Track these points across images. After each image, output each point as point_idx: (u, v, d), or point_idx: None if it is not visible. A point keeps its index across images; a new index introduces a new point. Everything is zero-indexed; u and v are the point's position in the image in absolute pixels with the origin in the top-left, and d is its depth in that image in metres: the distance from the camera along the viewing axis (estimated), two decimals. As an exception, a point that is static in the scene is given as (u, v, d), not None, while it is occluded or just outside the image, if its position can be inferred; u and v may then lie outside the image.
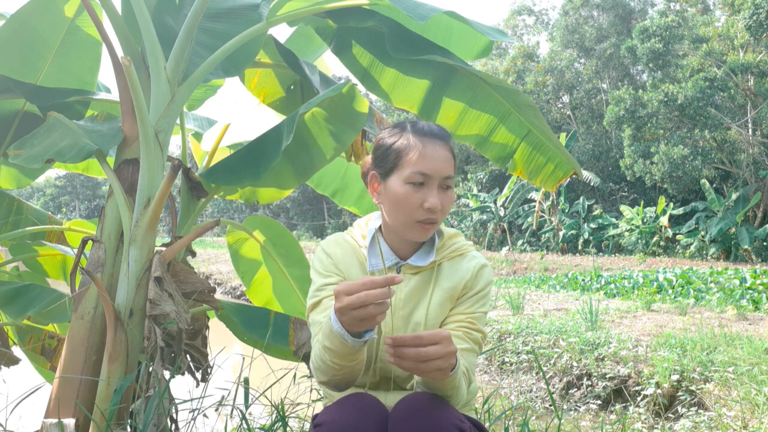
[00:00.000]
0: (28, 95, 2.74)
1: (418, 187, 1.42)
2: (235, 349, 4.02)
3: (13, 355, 2.93)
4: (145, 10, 2.29)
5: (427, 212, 1.42)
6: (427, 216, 1.42)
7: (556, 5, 58.16)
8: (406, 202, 1.42)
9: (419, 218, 1.43)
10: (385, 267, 1.51)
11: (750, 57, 19.55)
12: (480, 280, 1.51)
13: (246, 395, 2.07)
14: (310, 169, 2.71)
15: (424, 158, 1.42)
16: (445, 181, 1.44)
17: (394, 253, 1.52)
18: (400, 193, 1.43)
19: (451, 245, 1.55)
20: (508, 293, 9.38)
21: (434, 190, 1.42)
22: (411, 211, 1.43)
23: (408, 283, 1.50)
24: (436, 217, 1.43)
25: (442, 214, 1.44)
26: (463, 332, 1.45)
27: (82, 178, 59.33)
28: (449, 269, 1.52)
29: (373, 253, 1.52)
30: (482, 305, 1.50)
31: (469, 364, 1.43)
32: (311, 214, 43.38)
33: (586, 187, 26.45)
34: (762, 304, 8.30)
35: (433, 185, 1.42)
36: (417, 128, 1.48)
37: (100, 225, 2.39)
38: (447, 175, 1.44)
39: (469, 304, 1.49)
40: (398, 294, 1.49)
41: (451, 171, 1.46)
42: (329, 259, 1.53)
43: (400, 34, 2.53)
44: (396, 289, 1.49)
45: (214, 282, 18.01)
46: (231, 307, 2.71)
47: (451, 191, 1.47)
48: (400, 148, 1.45)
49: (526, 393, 5.69)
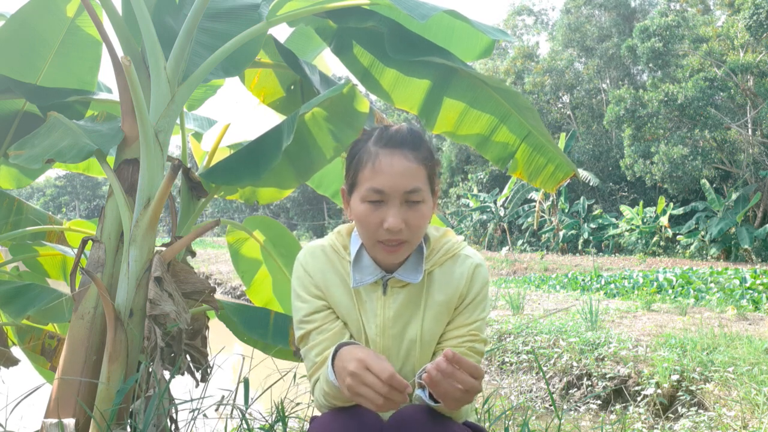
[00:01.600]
0: (28, 95, 2.74)
1: (376, 206, 1.29)
2: (235, 349, 4.01)
3: (12, 355, 2.93)
4: (145, 10, 2.29)
5: (388, 233, 1.28)
6: (389, 237, 1.29)
7: (555, 5, 58.23)
8: (365, 221, 1.30)
9: (380, 239, 1.30)
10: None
11: (750, 57, 19.55)
12: (475, 284, 1.40)
13: (246, 395, 2.07)
14: (310, 170, 2.71)
15: (378, 173, 1.28)
16: (409, 196, 1.28)
17: (378, 266, 1.38)
18: (360, 213, 1.31)
19: (440, 249, 1.42)
20: (508, 293, 9.38)
21: (393, 208, 1.27)
22: (372, 232, 1.30)
23: (396, 298, 1.39)
24: (401, 238, 1.29)
25: (409, 232, 1.30)
26: (467, 348, 1.37)
27: (82, 178, 59.35)
28: (441, 278, 1.40)
29: (357, 268, 1.39)
30: (482, 311, 1.40)
31: None
32: (311, 214, 43.39)
33: (586, 187, 26.45)
34: (762, 304, 8.30)
35: (392, 203, 1.28)
36: (379, 137, 1.33)
37: (100, 225, 2.39)
38: (409, 189, 1.28)
39: (468, 313, 1.39)
40: (386, 312, 1.38)
41: (416, 183, 1.28)
42: (309, 278, 1.40)
43: (400, 34, 2.53)
44: (383, 307, 1.39)
45: (214, 282, 18.01)
46: (231, 307, 2.71)
47: (420, 206, 1.30)
48: (357, 163, 1.32)
49: (526, 393, 5.69)
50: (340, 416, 1.28)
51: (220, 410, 2.20)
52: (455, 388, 1.10)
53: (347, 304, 1.39)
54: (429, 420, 1.24)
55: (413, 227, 1.30)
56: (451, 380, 1.10)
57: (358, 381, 1.11)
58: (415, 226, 1.30)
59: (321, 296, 1.40)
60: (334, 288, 1.40)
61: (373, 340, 1.39)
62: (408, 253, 1.35)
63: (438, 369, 1.09)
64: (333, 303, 1.40)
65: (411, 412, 1.26)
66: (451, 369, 1.09)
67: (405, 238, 1.30)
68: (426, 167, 1.32)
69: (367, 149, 1.32)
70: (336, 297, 1.40)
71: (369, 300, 1.39)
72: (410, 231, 1.30)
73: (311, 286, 1.40)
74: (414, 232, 1.31)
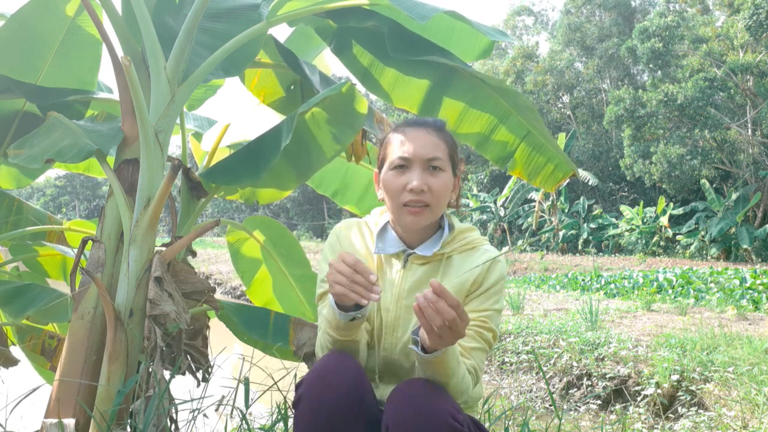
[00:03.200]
0: (28, 95, 2.74)
1: (401, 171, 1.46)
2: (235, 349, 4.01)
3: (12, 355, 2.92)
4: (145, 10, 2.29)
5: (411, 194, 1.44)
6: (412, 197, 1.44)
7: (555, 5, 58.24)
8: (392, 186, 1.47)
9: (405, 201, 1.45)
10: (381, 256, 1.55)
11: (750, 57, 19.54)
12: (492, 275, 1.49)
13: (246, 395, 2.07)
14: (309, 169, 2.71)
15: (404, 143, 1.48)
16: (430, 162, 1.46)
17: (402, 241, 1.53)
18: (388, 180, 1.48)
19: (462, 239, 1.54)
20: (508, 293, 9.38)
21: (416, 172, 1.44)
22: (397, 195, 1.46)
23: (415, 272, 1.50)
24: (423, 199, 1.44)
25: (432, 196, 1.45)
26: (475, 331, 1.44)
27: (82, 178, 59.30)
28: (459, 263, 1.51)
29: (381, 238, 1.55)
30: (495, 302, 1.49)
31: (478, 362, 1.43)
32: (311, 214, 43.37)
33: (586, 187, 26.44)
34: (762, 304, 8.30)
35: (415, 168, 1.45)
36: (406, 121, 1.55)
37: (100, 225, 2.39)
38: (430, 157, 1.46)
39: (481, 300, 1.48)
40: (403, 284, 1.50)
41: (437, 153, 1.47)
42: (339, 244, 1.58)
43: (400, 34, 2.53)
44: (401, 278, 1.51)
45: (214, 282, 18.00)
46: (231, 307, 2.71)
47: (442, 174, 1.47)
48: (387, 141, 1.53)
49: (526, 393, 5.69)
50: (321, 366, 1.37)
51: (220, 410, 2.20)
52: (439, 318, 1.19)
53: None
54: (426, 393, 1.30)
55: (435, 191, 1.45)
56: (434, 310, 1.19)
57: (332, 269, 1.26)
58: (437, 191, 1.45)
59: None
60: (360, 256, 1.54)
61: (387, 308, 1.49)
62: (429, 219, 1.48)
63: (425, 297, 1.20)
64: None
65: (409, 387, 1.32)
66: (436, 298, 1.19)
67: (428, 200, 1.44)
68: (447, 146, 1.51)
69: (395, 131, 1.53)
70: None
71: (390, 271, 1.53)
72: (432, 195, 1.45)
73: (339, 250, 1.55)
74: (436, 197, 1.46)
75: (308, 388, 1.33)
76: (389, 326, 1.49)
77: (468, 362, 1.41)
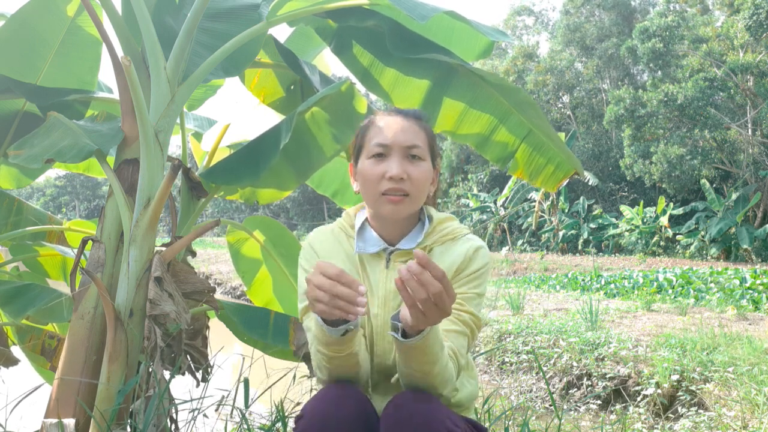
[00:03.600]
0: (28, 95, 2.74)
1: (380, 159, 1.40)
2: (235, 349, 4.01)
3: (12, 355, 2.93)
4: (145, 10, 2.29)
5: (390, 182, 1.37)
6: (391, 186, 1.37)
7: (556, 5, 58.21)
8: (370, 175, 1.40)
9: (383, 189, 1.38)
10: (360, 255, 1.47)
11: (750, 57, 19.53)
12: (474, 262, 1.43)
13: (246, 395, 2.07)
14: (309, 169, 2.71)
15: (381, 131, 1.42)
16: (409, 150, 1.40)
17: (382, 239, 1.46)
18: (365, 169, 1.41)
19: (442, 229, 1.48)
20: (508, 293, 9.38)
21: (395, 160, 1.39)
22: (376, 184, 1.39)
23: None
24: (403, 188, 1.38)
25: (411, 185, 1.38)
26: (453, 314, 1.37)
27: (82, 178, 59.30)
28: (440, 254, 1.44)
29: (360, 237, 1.47)
30: (475, 286, 1.42)
31: (458, 346, 1.36)
32: (311, 214, 43.38)
33: (586, 187, 26.45)
34: (762, 304, 8.29)
35: (393, 155, 1.39)
36: (382, 111, 1.50)
37: (100, 225, 2.39)
38: (409, 144, 1.40)
39: (460, 284, 1.41)
40: (388, 284, 1.43)
41: (416, 141, 1.41)
42: (314, 254, 1.48)
43: (400, 34, 2.53)
44: (386, 279, 1.44)
45: (214, 282, 18.00)
46: (231, 307, 2.71)
47: (421, 162, 1.41)
48: (363, 130, 1.47)
49: (526, 393, 5.69)
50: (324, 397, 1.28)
51: (220, 410, 2.20)
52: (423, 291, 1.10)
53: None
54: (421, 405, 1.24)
55: (414, 180, 1.39)
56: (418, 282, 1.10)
57: (312, 285, 1.13)
58: (416, 179, 1.39)
59: None
60: (339, 263, 1.45)
61: (375, 314, 1.43)
62: (409, 209, 1.41)
63: (408, 269, 1.10)
64: None
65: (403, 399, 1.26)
66: (420, 269, 1.09)
67: (407, 189, 1.38)
68: (427, 135, 1.45)
69: (372, 119, 1.47)
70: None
71: (373, 273, 1.45)
72: (412, 184, 1.39)
73: (316, 260, 1.46)
74: (415, 186, 1.39)
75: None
76: (380, 332, 1.42)
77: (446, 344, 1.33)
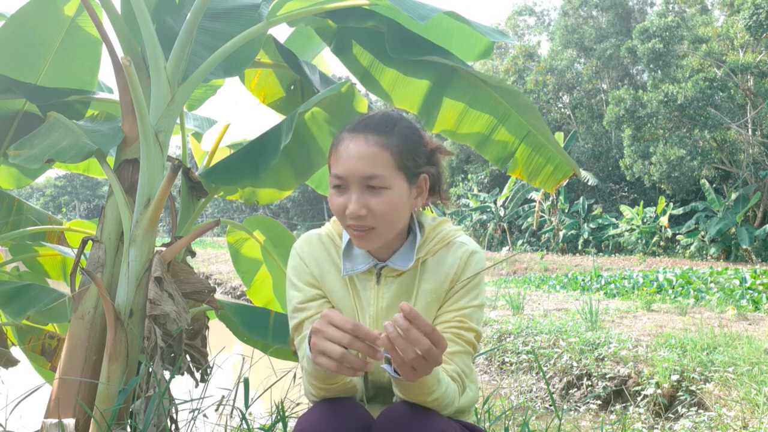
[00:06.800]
0: (28, 95, 2.74)
1: (340, 191, 1.27)
2: (235, 349, 4.01)
3: (12, 356, 2.93)
4: (145, 10, 2.29)
5: (350, 218, 1.25)
6: (352, 222, 1.25)
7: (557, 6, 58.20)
8: (333, 206, 1.28)
9: (347, 223, 1.27)
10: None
11: (750, 57, 19.55)
12: (468, 269, 1.34)
13: (246, 395, 2.07)
14: (309, 169, 2.71)
15: (338, 159, 1.27)
16: (368, 181, 1.24)
17: (371, 255, 1.36)
18: (330, 198, 1.29)
19: (434, 237, 1.37)
20: (508, 293, 9.38)
21: (354, 194, 1.24)
22: (340, 217, 1.28)
23: (390, 287, 1.35)
24: (367, 224, 1.25)
25: (374, 219, 1.25)
26: (453, 333, 1.30)
27: (82, 178, 59.30)
28: (433, 266, 1.35)
29: (347, 256, 1.37)
30: (473, 298, 1.33)
31: (464, 367, 1.30)
32: (311, 214, 43.38)
33: (586, 187, 26.44)
34: (762, 304, 8.30)
35: (353, 188, 1.25)
36: (352, 123, 1.32)
37: (100, 225, 2.39)
38: (366, 175, 1.23)
39: (458, 297, 1.33)
40: (380, 302, 1.35)
41: (375, 170, 1.23)
42: (304, 266, 1.38)
43: (400, 34, 2.53)
44: (377, 296, 1.36)
45: (214, 282, 18.01)
46: (231, 307, 2.71)
47: (384, 192, 1.25)
48: (331, 149, 1.32)
49: (526, 393, 5.69)
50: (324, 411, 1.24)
51: (220, 410, 2.20)
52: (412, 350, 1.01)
53: (342, 293, 1.37)
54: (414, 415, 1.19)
55: (377, 213, 1.24)
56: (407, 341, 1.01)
57: (320, 337, 1.04)
58: (380, 213, 1.24)
59: (316, 285, 1.38)
60: (329, 276, 1.37)
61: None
62: (380, 240, 1.29)
63: (395, 323, 1.01)
64: (328, 291, 1.38)
65: (396, 409, 1.22)
66: (407, 325, 1.00)
67: (371, 224, 1.25)
68: (393, 153, 1.26)
69: (339, 137, 1.30)
70: (331, 285, 1.37)
71: (363, 289, 1.37)
72: (375, 217, 1.25)
73: (306, 274, 1.38)
74: (380, 219, 1.25)
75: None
76: None
77: (450, 368, 1.28)
